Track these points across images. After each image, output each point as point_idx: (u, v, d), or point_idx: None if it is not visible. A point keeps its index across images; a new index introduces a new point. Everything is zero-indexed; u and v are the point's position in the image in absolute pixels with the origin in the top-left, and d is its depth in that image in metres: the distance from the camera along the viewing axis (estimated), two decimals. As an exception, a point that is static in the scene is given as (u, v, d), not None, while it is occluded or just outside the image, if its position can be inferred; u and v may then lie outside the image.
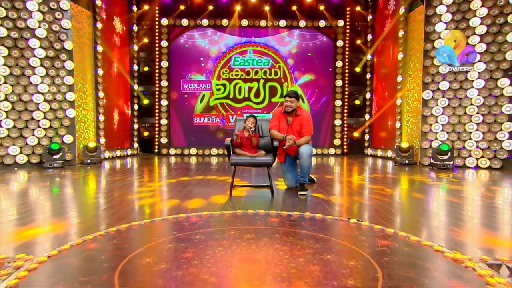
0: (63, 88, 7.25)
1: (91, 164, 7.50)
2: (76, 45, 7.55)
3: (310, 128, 4.30)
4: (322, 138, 10.64)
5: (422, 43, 7.47)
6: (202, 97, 10.52)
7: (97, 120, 8.40)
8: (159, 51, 10.27)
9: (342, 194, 4.33)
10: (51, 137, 7.14)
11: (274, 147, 4.27)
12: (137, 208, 3.44)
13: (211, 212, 3.19)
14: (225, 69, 10.43)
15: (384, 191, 4.38)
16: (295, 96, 4.25)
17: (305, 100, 10.58)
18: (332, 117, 10.59)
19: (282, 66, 10.51)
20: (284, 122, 4.37)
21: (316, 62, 10.53)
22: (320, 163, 8.42)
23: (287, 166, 4.55)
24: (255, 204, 3.66)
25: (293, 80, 10.55)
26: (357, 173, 6.44)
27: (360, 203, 3.81)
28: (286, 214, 3.15)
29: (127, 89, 10.11)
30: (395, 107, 8.73)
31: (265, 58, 10.48)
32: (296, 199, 3.92)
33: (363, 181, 5.49)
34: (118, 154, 9.38)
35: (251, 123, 4.36)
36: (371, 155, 10.27)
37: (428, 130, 7.52)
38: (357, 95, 10.84)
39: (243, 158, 4.19)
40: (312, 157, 4.22)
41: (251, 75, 10.45)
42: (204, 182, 5.12)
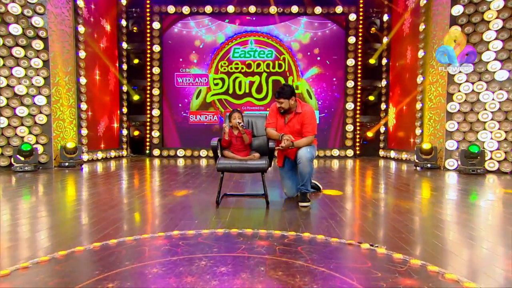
0: (37, 81, 6.80)
1: (69, 167, 7.05)
2: (53, 32, 7.11)
3: (312, 127, 3.75)
4: (332, 138, 10.08)
5: (448, 29, 6.86)
6: (198, 93, 10.05)
7: (78, 117, 7.95)
8: (151, 42, 9.82)
9: (353, 206, 3.75)
10: (23, 137, 6.70)
11: (270, 148, 3.72)
12: (92, 228, 2.92)
13: (184, 232, 2.66)
14: (223, 62, 9.95)
15: (405, 204, 3.80)
16: (284, 95, 3.70)
17: (313, 96, 10.03)
18: (343, 115, 10.02)
19: (287, 58, 9.98)
20: (281, 120, 3.86)
21: (325, 53, 9.98)
22: (329, 166, 7.85)
23: (286, 171, 4.01)
24: (244, 218, 3.13)
25: (299, 73, 10.01)
26: (371, 179, 5.86)
27: (375, 219, 3.23)
28: (279, 235, 2.60)
29: (116, 83, 9.67)
30: (414, 103, 8.13)
31: (268, 49, 9.97)
32: (295, 212, 3.37)
33: (379, 189, 4.91)
34: (104, 156, 8.93)
35: (239, 118, 3.83)
36: (387, 157, 9.67)
37: (454, 129, 6.89)
38: (371, 90, 10.25)
39: (232, 162, 3.66)
40: (313, 162, 3.67)
41: (252, 68, 9.95)
42: (191, 193, 4.59)
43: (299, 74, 10.02)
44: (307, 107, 3.85)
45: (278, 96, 3.74)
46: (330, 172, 6.76)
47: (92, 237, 2.57)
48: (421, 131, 7.92)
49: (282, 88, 3.75)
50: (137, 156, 10.04)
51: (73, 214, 3.37)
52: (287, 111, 3.82)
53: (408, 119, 8.64)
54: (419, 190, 4.71)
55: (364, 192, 4.60)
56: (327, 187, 4.80)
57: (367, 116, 10.25)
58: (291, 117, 3.82)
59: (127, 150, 10.15)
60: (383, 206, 3.73)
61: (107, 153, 9.11)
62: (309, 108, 3.85)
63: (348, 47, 9.89)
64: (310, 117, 3.77)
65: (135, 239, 2.49)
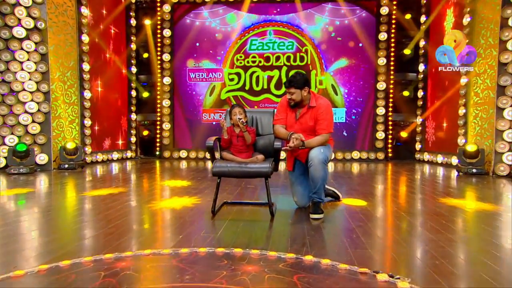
0: (35, 77, 6.71)
1: (69, 170, 6.92)
2: (54, 24, 7.01)
3: (328, 123, 3.36)
4: (360, 139, 9.51)
5: (499, 8, 6.20)
6: (212, 89, 9.77)
7: (81, 116, 7.83)
8: (161, 34, 9.64)
9: (376, 221, 3.26)
10: (20, 136, 6.62)
11: (275, 149, 3.31)
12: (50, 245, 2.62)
13: (158, 251, 2.29)
14: (239, 55, 9.62)
15: (444, 219, 3.27)
16: (296, 84, 3.33)
17: (339, 92, 9.50)
18: (373, 112, 9.43)
19: (309, 50, 9.52)
20: (292, 116, 3.49)
21: (353, 44, 9.43)
22: (355, 170, 7.31)
23: (296, 176, 3.61)
24: (239, 233, 2.75)
25: (323, 66, 9.52)
26: (404, 187, 5.30)
27: (403, 240, 2.74)
28: (275, 257, 2.19)
29: (124, 79, 9.54)
30: (457, 98, 7.46)
31: (288, 41, 9.55)
32: (304, 226, 2.95)
33: (412, 200, 4.37)
34: (110, 158, 8.79)
35: (240, 114, 3.46)
36: (425, 160, 8.99)
37: (505, 128, 6.20)
38: (406, 84, 9.61)
39: (229, 165, 3.28)
40: (327, 165, 3.24)
41: (271, 61, 9.56)
42: (189, 201, 4.26)
43: (323, 68, 9.53)
44: (322, 100, 3.46)
45: (288, 85, 3.38)
46: (354, 178, 6.24)
47: (45, 256, 2.25)
48: (464, 131, 7.24)
49: (293, 76, 3.38)
50: (146, 158, 9.88)
51: (41, 226, 3.09)
52: (299, 104, 3.44)
53: (450, 117, 7.96)
54: (462, 201, 4.13)
55: (393, 203, 4.09)
56: (349, 195, 4.32)
57: (401, 114, 9.61)
58: (304, 111, 3.44)
59: (136, 151, 10.00)
60: (415, 221, 3.21)
61: (114, 154, 8.98)
62: (324, 101, 3.46)
63: (379, 36, 9.30)
64: (325, 111, 3.37)
65: (94, 260, 2.14)
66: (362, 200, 4.02)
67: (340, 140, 9.43)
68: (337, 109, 9.47)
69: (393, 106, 9.45)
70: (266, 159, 3.46)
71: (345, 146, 9.47)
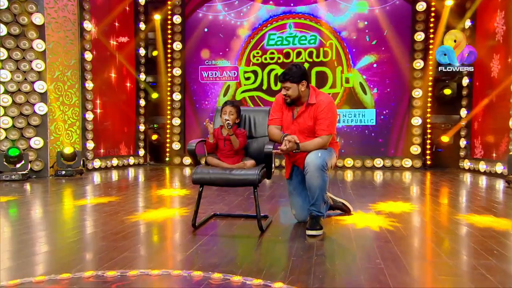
0: (31, 76, 6.78)
1: (66, 177, 6.91)
2: (53, 19, 7.09)
3: (329, 123, 3.09)
4: (392, 144, 9.00)
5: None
6: (226, 89, 9.62)
7: (83, 118, 7.86)
8: (172, 29, 9.60)
9: (384, 242, 2.88)
10: (14, 140, 6.68)
11: (265, 153, 3.03)
12: None
13: (101, 274, 2.05)
14: (256, 51, 9.42)
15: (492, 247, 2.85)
16: (291, 77, 3.09)
17: (368, 91, 9.06)
18: (408, 114, 8.91)
19: (334, 44, 9.16)
20: (288, 115, 3.26)
21: (385, 36, 8.98)
22: (384, 181, 6.86)
23: (295, 185, 3.34)
24: (213, 252, 2.50)
25: (350, 62, 9.13)
26: (445, 199, 4.84)
27: (410, 265, 2.37)
28: (239, 283, 1.90)
29: (131, 79, 9.56)
30: (509, 96, 6.87)
31: (311, 34, 9.24)
32: (295, 244, 2.65)
33: (453, 220, 3.93)
34: (115, 164, 8.78)
35: (228, 114, 3.24)
36: (471, 169, 8.35)
37: None
38: (447, 81, 9.02)
39: (212, 172, 3.05)
40: (326, 171, 2.94)
41: (291, 57, 9.28)
42: (175, 213, 4.06)
43: (350, 64, 9.13)
44: (323, 96, 3.20)
45: (283, 79, 3.14)
46: (382, 188, 5.81)
47: None
48: (516, 134, 6.64)
49: (289, 68, 3.15)
50: (155, 165, 9.81)
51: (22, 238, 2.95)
52: (296, 101, 3.19)
53: (501, 118, 7.35)
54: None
55: (419, 219, 3.67)
56: (363, 208, 3.93)
57: (441, 116, 9.03)
58: (302, 110, 3.19)
59: (145, 157, 9.96)
60: (460, 247, 2.81)
61: (120, 160, 8.97)
62: (325, 98, 3.19)
63: (416, 26, 8.80)
64: (326, 109, 3.10)
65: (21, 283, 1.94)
66: (382, 217, 3.63)
67: (369, 146, 9.00)
68: (366, 110, 9.04)
69: (433, 106, 8.88)
70: (257, 166, 3.19)
71: (375, 152, 9.00)
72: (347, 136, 9.15)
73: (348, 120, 9.15)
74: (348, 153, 9.08)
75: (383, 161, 8.93)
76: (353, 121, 9.14)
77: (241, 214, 3.66)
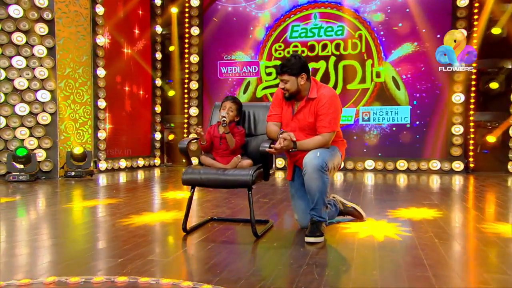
0: (41, 73, 6.99)
1: (76, 178, 7.07)
2: (64, 14, 7.30)
3: (330, 119, 2.99)
4: (429, 145, 8.67)
5: None
6: (246, 85, 9.60)
7: (95, 117, 8.04)
8: (189, 23, 9.68)
9: (394, 255, 2.73)
10: (23, 140, 6.91)
11: (260, 152, 2.96)
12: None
13: (63, 280, 2.04)
14: (278, 44, 9.34)
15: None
16: (289, 68, 3.03)
17: (402, 86, 8.77)
18: (447, 110, 8.56)
19: (364, 35, 8.94)
20: (288, 111, 3.19)
21: (422, 25, 8.66)
22: (414, 185, 6.59)
23: (297, 187, 3.27)
24: (201, 258, 2.48)
25: (381, 55, 8.88)
26: (479, 208, 4.57)
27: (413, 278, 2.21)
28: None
29: (146, 76, 9.70)
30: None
31: (338, 25, 9.06)
32: (288, 252, 2.57)
33: (475, 232, 3.70)
34: (129, 165, 8.93)
35: (227, 110, 3.21)
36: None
37: None
38: (494, 73, 8.60)
39: (203, 172, 3.03)
40: (326, 173, 2.84)
41: (316, 50, 9.14)
42: (172, 217, 4.05)
43: (381, 56, 8.88)
44: (325, 89, 3.11)
45: (280, 71, 3.10)
46: (407, 192, 5.60)
47: None
48: None
49: (287, 60, 3.11)
50: (172, 166, 9.92)
51: None
52: (295, 95, 3.12)
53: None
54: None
55: (437, 228, 3.46)
56: (377, 215, 3.76)
57: (487, 113, 8.62)
58: (302, 105, 3.11)
59: (161, 158, 10.08)
60: (456, 256, 2.63)
61: (134, 161, 9.11)
62: (328, 91, 3.10)
63: (458, 12, 8.43)
64: (327, 104, 3.01)
65: None
66: (393, 225, 3.46)
67: (403, 146, 8.71)
68: (399, 107, 8.76)
69: (476, 102, 8.48)
70: (255, 165, 3.12)
71: (410, 153, 8.69)
72: (378, 136, 8.90)
73: (379, 118, 8.90)
74: (381, 154, 8.83)
75: (417, 163, 8.62)
76: (385, 120, 8.87)
77: (239, 218, 3.61)
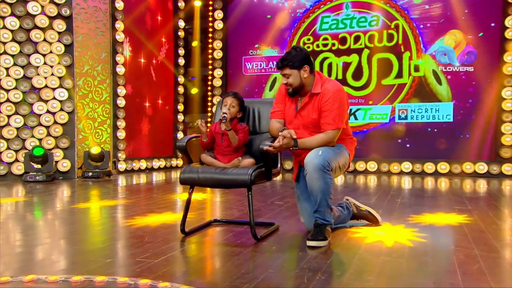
0: (59, 71, 7.31)
1: (93, 178, 7.34)
2: (82, 10, 7.59)
3: (335, 116, 2.98)
4: (475, 145, 8.38)
5: None
6: (273, 82, 9.63)
7: (114, 116, 8.30)
8: (212, 16, 9.83)
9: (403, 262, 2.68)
10: (41, 139, 7.25)
11: (260, 150, 2.99)
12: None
13: (39, 278, 2.15)
14: (307, 37, 9.33)
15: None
16: (290, 62, 3.02)
17: (443, 80, 8.53)
18: (496, 108, 8.25)
19: (401, 25, 8.76)
20: (291, 107, 3.21)
21: (466, 13, 8.40)
22: (452, 189, 6.41)
23: (303, 189, 3.29)
24: (193, 261, 2.59)
25: (420, 46, 8.67)
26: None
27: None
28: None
29: (168, 73, 9.92)
30: None
31: (372, 15, 8.94)
32: (288, 255, 2.60)
33: (496, 240, 3.56)
34: (149, 166, 9.16)
35: (229, 106, 3.30)
36: None
37: None
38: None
39: (201, 171, 3.11)
40: (330, 173, 2.85)
41: (348, 43, 9.05)
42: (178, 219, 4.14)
43: (420, 48, 8.66)
44: (329, 84, 3.09)
45: (281, 65, 3.10)
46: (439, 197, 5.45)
47: None
48: None
49: (287, 53, 3.12)
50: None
51: None
52: (299, 90, 3.12)
53: None
54: None
55: (458, 234, 3.36)
56: (397, 219, 3.69)
57: (542, 110, 8.24)
58: (305, 101, 3.12)
59: (183, 158, 10.27)
60: (470, 267, 2.55)
61: (155, 162, 9.33)
62: (332, 85, 3.08)
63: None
64: (331, 99, 3.00)
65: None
66: (409, 231, 3.39)
67: (445, 147, 8.46)
68: (440, 104, 8.52)
69: (529, 98, 8.15)
70: (258, 163, 3.16)
71: (453, 155, 8.43)
72: (417, 135, 8.69)
73: (417, 116, 8.69)
74: (419, 156, 8.62)
75: (461, 166, 8.34)
76: (424, 118, 8.65)
77: (243, 221, 3.65)
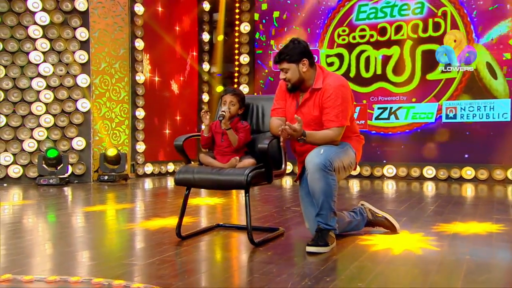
0: (74, 69, 7.64)
1: (109, 182, 7.60)
2: (99, 4, 7.90)
3: (338, 112, 3.02)
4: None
5: None
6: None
7: (133, 116, 8.56)
8: (239, 8, 9.97)
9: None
10: (55, 140, 7.58)
11: (260, 149, 3.07)
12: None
13: (20, 277, 2.30)
14: (342, 29, 9.29)
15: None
16: (288, 55, 3.09)
17: (499, 73, 8.26)
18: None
19: (450, 12, 8.56)
20: (292, 104, 3.29)
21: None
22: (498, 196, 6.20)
23: (306, 190, 3.34)
24: (180, 265, 2.71)
25: (472, 36, 8.44)
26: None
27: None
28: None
29: (192, 70, 10.12)
30: None
31: (416, 1, 8.78)
32: (281, 261, 2.68)
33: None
34: (172, 170, 9.36)
35: (228, 105, 3.41)
36: None
37: None
38: None
39: (197, 171, 3.22)
40: (332, 173, 2.90)
41: (388, 34, 8.95)
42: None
43: (472, 38, 8.43)
44: (331, 78, 3.14)
45: (278, 59, 3.17)
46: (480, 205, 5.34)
47: None
48: None
49: (285, 46, 3.19)
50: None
51: None
52: (299, 86, 3.19)
53: None
54: None
55: (481, 245, 3.27)
56: (418, 228, 3.64)
57: None
58: (306, 97, 3.19)
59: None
60: (477, 277, 2.50)
61: (177, 165, 9.51)
62: (334, 80, 3.13)
63: None
64: (333, 95, 3.04)
65: None
66: (427, 239, 3.34)
67: (502, 150, 8.15)
68: (496, 101, 8.24)
69: None
70: (258, 163, 3.23)
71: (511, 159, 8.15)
72: (468, 136, 8.46)
73: (469, 115, 8.44)
74: (470, 160, 8.38)
75: (504, 171, 8.02)
76: (477, 116, 8.39)
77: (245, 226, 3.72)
